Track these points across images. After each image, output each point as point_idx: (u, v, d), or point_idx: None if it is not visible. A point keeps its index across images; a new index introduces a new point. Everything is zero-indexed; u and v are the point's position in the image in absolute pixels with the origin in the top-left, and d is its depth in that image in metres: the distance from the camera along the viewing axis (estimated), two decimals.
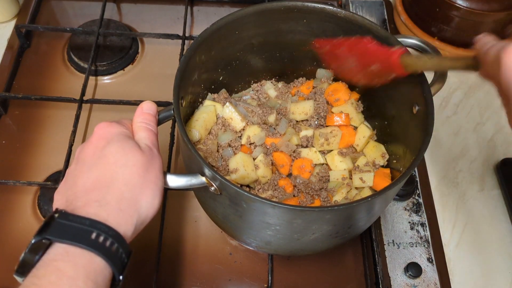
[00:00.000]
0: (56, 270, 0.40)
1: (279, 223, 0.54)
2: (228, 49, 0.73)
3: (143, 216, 0.49)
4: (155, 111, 0.58)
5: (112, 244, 0.43)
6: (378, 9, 1.08)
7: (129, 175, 0.49)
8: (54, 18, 1.07)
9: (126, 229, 0.46)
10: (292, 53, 0.78)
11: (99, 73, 0.97)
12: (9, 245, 0.76)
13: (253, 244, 0.64)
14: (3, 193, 0.81)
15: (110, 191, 0.47)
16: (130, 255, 0.46)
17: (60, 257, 0.42)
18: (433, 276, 0.74)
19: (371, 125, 0.77)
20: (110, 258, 0.43)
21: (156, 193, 0.51)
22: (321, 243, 0.61)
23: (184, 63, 0.62)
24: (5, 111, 0.90)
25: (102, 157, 0.49)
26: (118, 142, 0.50)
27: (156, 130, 0.57)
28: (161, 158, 0.54)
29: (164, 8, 1.09)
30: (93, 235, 0.43)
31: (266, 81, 0.83)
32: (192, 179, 0.54)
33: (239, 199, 0.53)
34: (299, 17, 0.70)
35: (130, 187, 0.48)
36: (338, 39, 0.69)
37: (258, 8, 0.69)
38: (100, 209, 0.46)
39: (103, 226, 0.44)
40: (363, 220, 0.61)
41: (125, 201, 0.47)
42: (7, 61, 0.96)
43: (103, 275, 0.43)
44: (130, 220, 0.47)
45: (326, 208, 0.52)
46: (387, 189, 0.54)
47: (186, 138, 0.55)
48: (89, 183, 0.48)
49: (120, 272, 0.44)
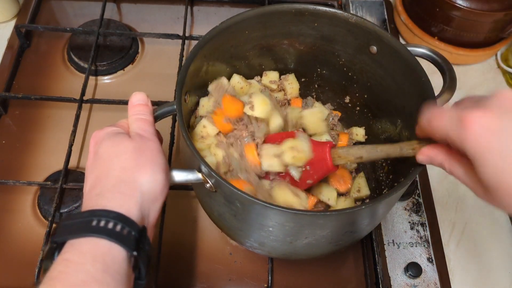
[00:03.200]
0: (64, 261, 0.42)
1: (272, 225, 0.54)
2: (237, 48, 0.72)
3: (148, 192, 0.50)
4: (145, 99, 0.59)
5: (115, 225, 0.44)
6: (378, 9, 1.08)
7: (123, 161, 0.50)
8: (54, 18, 1.07)
9: (128, 208, 0.47)
10: (302, 56, 0.78)
11: (99, 73, 0.97)
12: (9, 245, 0.76)
13: (247, 244, 0.63)
14: (3, 193, 0.81)
15: (108, 181, 0.49)
16: (143, 232, 0.47)
17: (66, 250, 0.43)
18: (433, 276, 0.74)
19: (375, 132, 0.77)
20: (115, 238, 0.43)
21: (155, 169, 0.51)
22: (315, 248, 0.61)
23: (190, 59, 0.62)
24: (5, 111, 0.90)
25: (97, 159, 0.52)
26: (108, 139, 0.53)
27: (150, 117, 0.57)
28: (158, 143, 0.55)
29: (164, 8, 1.09)
30: (93, 222, 0.44)
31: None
32: (189, 175, 0.55)
33: (233, 198, 0.54)
34: (310, 21, 0.70)
35: (126, 171, 0.50)
36: (276, 135, 0.68)
37: (269, 10, 0.69)
38: (100, 199, 0.47)
39: (102, 211, 0.45)
40: (360, 227, 0.60)
41: (123, 184, 0.49)
42: (7, 61, 0.96)
43: (111, 255, 0.43)
44: (132, 199, 0.48)
45: (319, 213, 0.52)
46: (385, 196, 0.53)
47: (185, 133, 0.55)
48: (91, 184, 0.50)
49: (132, 248, 0.44)
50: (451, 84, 0.64)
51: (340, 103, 0.82)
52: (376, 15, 1.07)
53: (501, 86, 1.02)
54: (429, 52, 0.67)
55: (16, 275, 0.73)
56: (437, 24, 0.97)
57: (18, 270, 0.73)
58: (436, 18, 0.96)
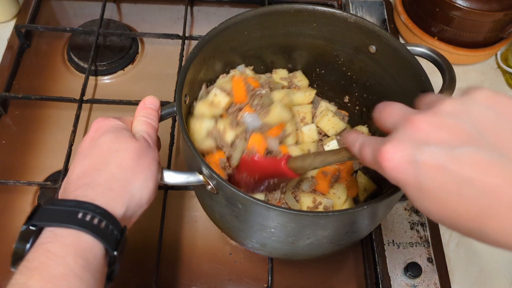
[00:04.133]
0: (45, 251, 0.41)
1: (274, 226, 0.54)
2: (237, 49, 0.72)
3: (137, 197, 0.49)
4: (157, 105, 0.58)
5: (100, 222, 0.44)
6: (378, 9, 1.08)
7: (121, 158, 0.49)
8: (54, 18, 1.07)
9: (115, 207, 0.46)
10: (302, 57, 0.78)
11: (99, 73, 0.97)
12: (9, 245, 0.76)
13: (248, 245, 0.63)
14: (3, 193, 0.81)
15: (102, 174, 0.48)
16: (123, 232, 0.46)
17: (48, 239, 0.42)
18: (433, 276, 0.74)
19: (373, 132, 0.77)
20: (99, 235, 0.43)
21: (149, 177, 0.51)
22: (317, 249, 0.61)
23: (190, 60, 0.62)
24: (5, 111, 0.90)
25: (96, 146, 0.51)
26: (112, 132, 0.52)
27: (157, 124, 0.57)
28: (157, 152, 0.55)
29: (164, 8, 1.09)
30: (79, 214, 0.43)
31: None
32: (190, 177, 0.55)
33: (235, 199, 0.53)
34: (309, 21, 0.70)
35: (122, 169, 0.49)
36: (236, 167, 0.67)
37: (268, 10, 0.69)
38: (88, 190, 0.46)
39: (89, 205, 0.44)
40: (361, 227, 0.60)
41: (115, 181, 0.48)
42: (7, 61, 0.96)
43: (92, 252, 0.43)
44: (121, 199, 0.47)
45: (321, 214, 0.52)
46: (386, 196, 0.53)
47: (186, 135, 0.55)
48: (82, 170, 0.49)
49: (113, 248, 0.44)
50: (451, 84, 0.64)
51: (339, 102, 0.82)
52: (376, 15, 1.07)
53: (501, 86, 1.02)
54: (428, 51, 0.67)
55: None
56: (437, 24, 0.97)
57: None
58: (436, 18, 0.96)
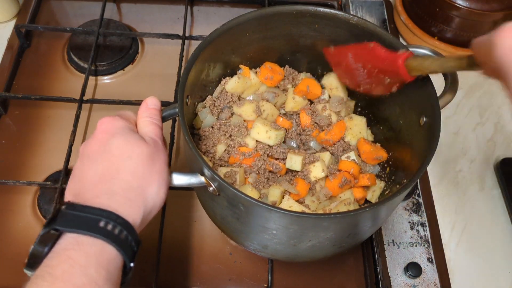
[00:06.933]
0: (68, 259, 0.41)
1: (276, 228, 0.54)
2: (238, 50, 0.72)
3: (150, 206, 0.49)
4: (159, 106, 0.58)
5: (121, 232, 0.44)
6: (378, 9, 1.08)
7: (134, 165, 0.49)
8: (54, 18, 1.07)
9: (134, 218, 0.47)
10: (304, 57, 0.78)
11: (99, 73, 0.97)
12: (9, 245, 0.76)
13: (250, 247, 0.63)
14: (3, 193, 0.81)
15: (117, 182, 0.48)
16: (139, 244, 0.46)
17: (71, 246, 0.42)
18: (433, 276, 0.74)
19: (375, 132, 0.77)
20: (120, 246, 0.43)
21: (161, 183, 0.51)
22: (318, 251, 0.61)
23: (191, 61, 0.62)
24: (5, 111, 0.90)
25: (106, 151, 0.50)
26: (122, 135, 0.51)
27: (161, 124, 0.57)
28: (167, 151, 0.54)
29: (164, 8, 1.09)
30: (101, 223, 0.43)
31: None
32: (192, 178, 0.55)
33: (236, 201, 0.53)
34: (311, 22, 0.70)
35: (137, 177, 0.49)
36: (345, 46, 0.68)
37: (269, 11, 0.69)
38: (110, 200, 0.46)
39: (112, 214, 0.44)
40: (363, 229, 0.60)
41: (132, 191, 0.48)
42: (7, 61, 0.96)
43: (114, 263, 0.43)
44: (138, 209, 0.47)
45: (323, 216, 0.52)
46: (388, 199, 0.53)
47: (188, 137, 0.55)
48: (97, 177, 0.48)
49: (130, 260, 0.44)
50: (453, 86, 0.64)
51: None
52: (376, 15, 1.07)
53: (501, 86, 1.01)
54: (430, 53, 0.67)
55: (16, 275, 0.72)
56: (437, 24, 0.97)
57: (18, 270, 0.73)
58: (436, 18, 0.96)
